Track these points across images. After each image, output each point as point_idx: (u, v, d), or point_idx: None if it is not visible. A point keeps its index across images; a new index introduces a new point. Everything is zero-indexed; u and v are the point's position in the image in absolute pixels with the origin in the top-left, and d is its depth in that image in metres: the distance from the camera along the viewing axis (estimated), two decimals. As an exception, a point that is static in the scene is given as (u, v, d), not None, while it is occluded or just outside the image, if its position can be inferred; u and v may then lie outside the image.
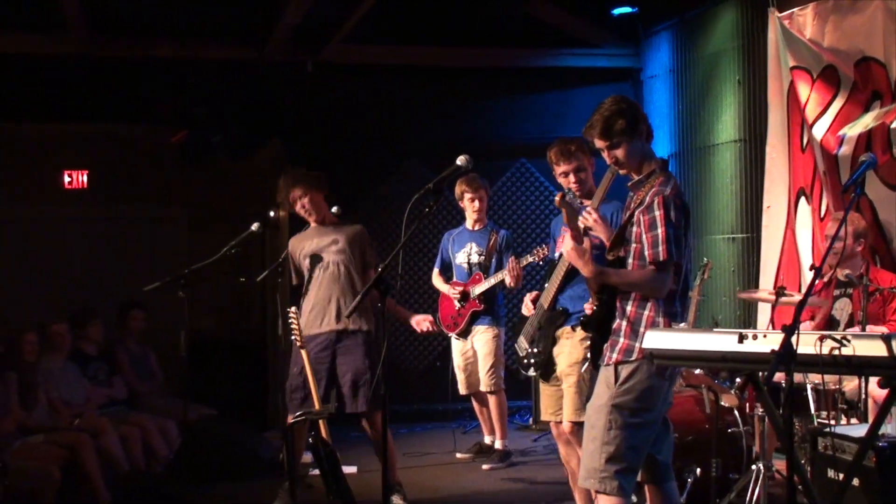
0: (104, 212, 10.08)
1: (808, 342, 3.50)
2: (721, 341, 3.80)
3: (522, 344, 5.36)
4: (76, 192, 10.17)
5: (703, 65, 8.49)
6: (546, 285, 5.28)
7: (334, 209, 6.63)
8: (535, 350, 5.27)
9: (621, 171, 4.40)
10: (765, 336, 3.67)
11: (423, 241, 9.38)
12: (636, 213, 4.23)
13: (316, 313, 6.26)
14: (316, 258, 6.28)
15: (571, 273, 5.13)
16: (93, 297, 8.91)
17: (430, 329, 6.55)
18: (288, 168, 6.42)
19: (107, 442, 6.94)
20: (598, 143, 4.32)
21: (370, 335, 6.27)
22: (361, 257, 6.36)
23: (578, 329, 5.20)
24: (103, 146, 9.98)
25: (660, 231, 4.12)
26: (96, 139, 9.97)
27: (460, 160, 4.41)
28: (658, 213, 4.14)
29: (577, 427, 5.31)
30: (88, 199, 10.13)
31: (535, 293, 5.39)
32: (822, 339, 3.51)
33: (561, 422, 5.42)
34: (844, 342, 3.48)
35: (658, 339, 3.99)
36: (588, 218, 4.67)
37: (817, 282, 6.79)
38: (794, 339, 3.33)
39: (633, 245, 4.24)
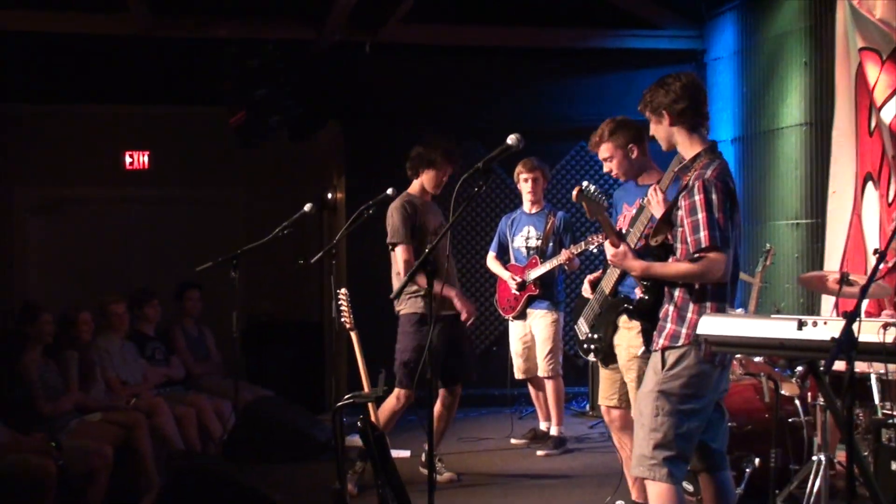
0: (164, 193, 10.18)
1: (870, 330, 3.37)
2: (779, 328, 3.69)
3: (583, 328, 5.25)
4: (137, 173, 10.27)
5: (769, 47, 8.29)
6: (609, 269, 5.15)
7: (389, 191, 6.52)
8: (596, 336, 5.16)
9: (664, 147, 4.32)
10: (825, 323, 3.56)
11: (479, 223, 9.31)
12: (680, 196, 4.15)
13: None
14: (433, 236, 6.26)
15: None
16: (152, 277, 8.99)
17: (469, 322, 6.46)
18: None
19: (162, 422, 6.97)
20: (649, 115, 4.31)
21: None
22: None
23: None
24: (164, 127, 10.07)
25: (701, 216, 4.01)
26: (157, 120, 10.06)
27: (511, 139, 4.32)
28: (699, 198, 4.03)
29: None
30: (149, 180, 10.22)
31: (596, 274, 5.25)
32: (885, 326, 3.38)
33: (614, 406, 5.34)
34: (909, 330, 3.34)
35: (713, 325, 3.89)
36: (651, 198, 4.57)
37: (881, 267, 6.60)
38: (855, 326, 3.20)
39: (679, 229, 4.15)
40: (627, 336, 5.12)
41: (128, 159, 10.31)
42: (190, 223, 10.17)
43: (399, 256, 6.28)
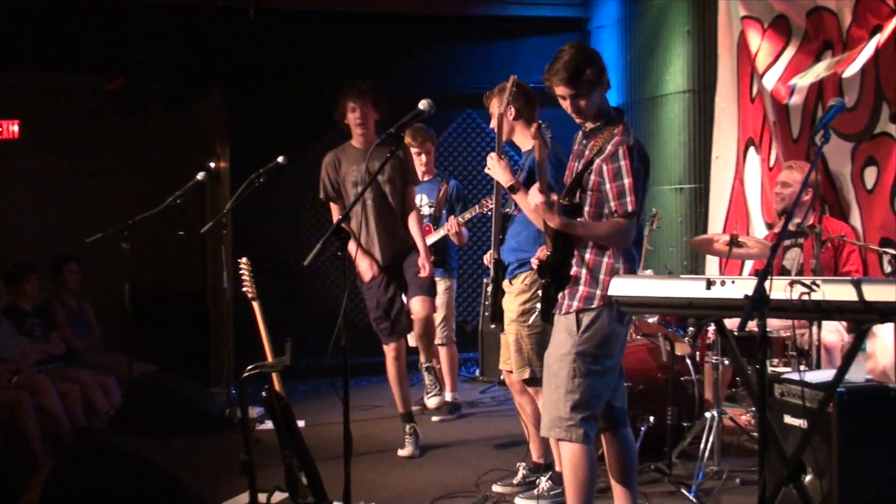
0: (37, 164, 9.79)
1: (778, 287, 3.46)
2: (688, 288, 3.77)
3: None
4: (7, 143, 9.86)
5: (652, 15, 8.44)
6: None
7: (280, 159, 6.46)
8: (487, 303, 5.22)
9: (577, 120, 4.29)
10: (733, 282, 3.65)
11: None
12: (595, 161, 4.15)
13: (369, 247, 6.25)
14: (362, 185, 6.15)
15: (505, 224, 5.17)
16: (27, 251, 8.68)
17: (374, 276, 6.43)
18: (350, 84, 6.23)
19: (46, 399, 6.79)
20: (561, 90, 4.19)
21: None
22: (404, 179, 6.32)
23: (515, 282, 5.23)
24: (36, 95, 9.66)
25: (626, 181, 4.07)
26: (28, 88, 9.64)
27: (422, 104, 4.30)
28: (624, 163, 4.07)
29: (526, 384, 5.30)
30: (20, 150, 9.82)
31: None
32: (791, 284, 3.48)
33: (511, 371, 5.40)
34: (814, 287, 3.46)
35: (624, 287, 3.95)
36: (491, 164, 4.72)
37: (768, 232, 6.83)
38: (766, 284, 3.29)
39: (590, 193, 4.17)
40: (507, 299, 5.22)
41: (-4, 129, 9.89)
42: (65, 195, 9.83)
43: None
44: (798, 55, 6.72)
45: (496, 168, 4.76)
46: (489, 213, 6.98)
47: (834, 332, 5.71)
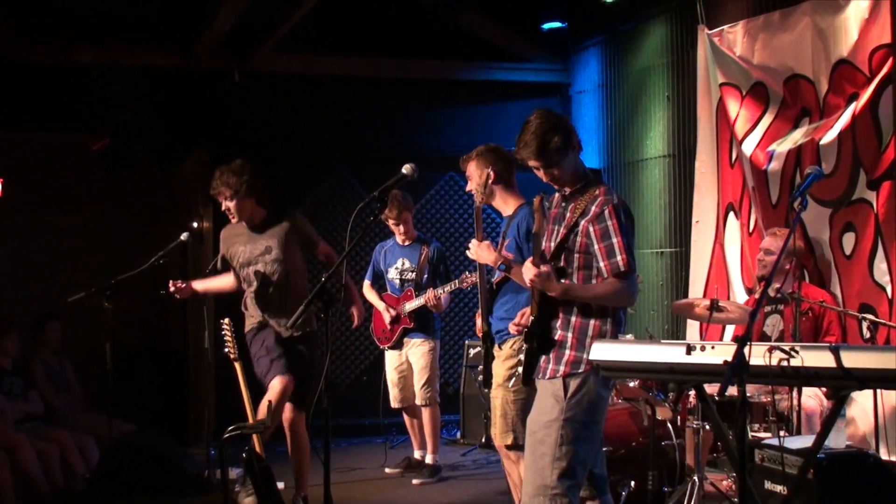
0: (20, 221, 9.77)
1: (757, 353, 3.49)
2: (669, 353, 3.78)
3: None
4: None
5: (633, 80, 8.56)
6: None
7: (183, 236, 6.48)
8: (479, 368, 5.23)
9: (555, 186, 4.30)
10: (713, 347, 3.66)
11: (357, 250, 9.29)
12: (581, 222, 4.14)
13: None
14: (252, 267, 6.15)
15: (493, 294, 5.16)
16: (8, 308, 8.62)
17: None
18: (224, 167, 6.22)
19: (23, 458, 6.73)
20: (533, 162, 4.20)
21: (312, 335, 6.18)
22: (301, 251, 6.25)
23: (504, 347, 5.18)
24: (20, 154, 9.68)
25: (615, 240, 4.06)
26: (12, 146, 9.67)
27: (406, 169, 4.33)
28: (611, 223, 4.07)
29: (509, 449, 5.27)
30: (2, 207, 9.81)
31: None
32: (771, 350, 3.51)
33: None
34: (793, 353, 3.49)
35: (605, 351, 3.94)
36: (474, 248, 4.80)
37: (748, 297, 6.88)
38: (746, 350, 3.32)
39: (577, 255, 4.15)
40: (496, 364, 5.22)
41: (-22, 187, 9.87)
42: (47, 253, 9.81)
43: None
44: (776, 122, 6.82)
45: (482, 252, 4.78)
46: (468, 288, 7.04)
47: (814, 398, 5.74)
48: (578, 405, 4.09)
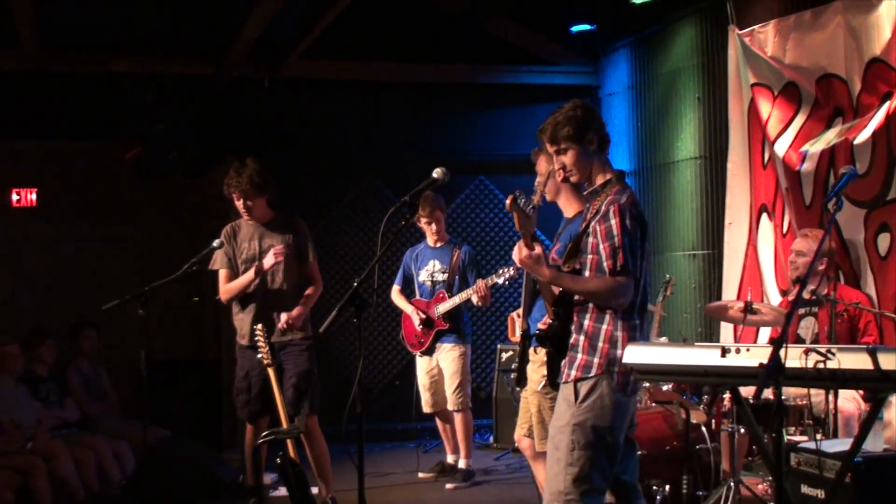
0: (54, 231, 9.88)
1: (793, 356, 3.46)
2: (703, 356, 3.74)
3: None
4: (25, 211, 9.95)
5: (663, 82, 8.52)
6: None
7: (215, 243, 6.47)
8: (513, 367, 5.21)
9: (571, 179, 4.27)
10: (748, 350, 3.63)
11: (384, 257, 9.28)
12: (591, 223, 4.13)
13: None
14: (255, 263, 6.30)
15: (534, 293, 5.09)
16: (44, 317, 8.71)
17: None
18: (238, 165, 6.33)
19: (60, 465, 6.81)
20: (549, 148, 4.27)
21: (311, 340, 6.30)
22: (299, 257, 6.38)
23: (539, 352, 5.07)
24: (54, 164, 9.78)
25: (616, 240, 4.02)
26: (46, 156, 9.77)
27: (436, 173, 4.32)
28: (614, 222, 4.04)
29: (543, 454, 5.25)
30: (38, 217, 9.91)
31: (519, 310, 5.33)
32: (807, 352, 3.48)
33: (524, 435, 5.41)
34: (829, 355, 3.45)
35: (638, 354, 3.91)
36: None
37: (782, 299, 6.83)
38: (781, 352, 3.29)
39: (589, 256, 4.11)
40: (532, 369, 5.19)
41: (14, 196, 9.99)
42: (81, 261, 9.90)
43: None
44: (809, 122, 6.76)
45: (525, 261, 4.25)
46: (506, 284, 7.02)
47: (851, 401, 5.67)
48: (590, 409, 4.01)
